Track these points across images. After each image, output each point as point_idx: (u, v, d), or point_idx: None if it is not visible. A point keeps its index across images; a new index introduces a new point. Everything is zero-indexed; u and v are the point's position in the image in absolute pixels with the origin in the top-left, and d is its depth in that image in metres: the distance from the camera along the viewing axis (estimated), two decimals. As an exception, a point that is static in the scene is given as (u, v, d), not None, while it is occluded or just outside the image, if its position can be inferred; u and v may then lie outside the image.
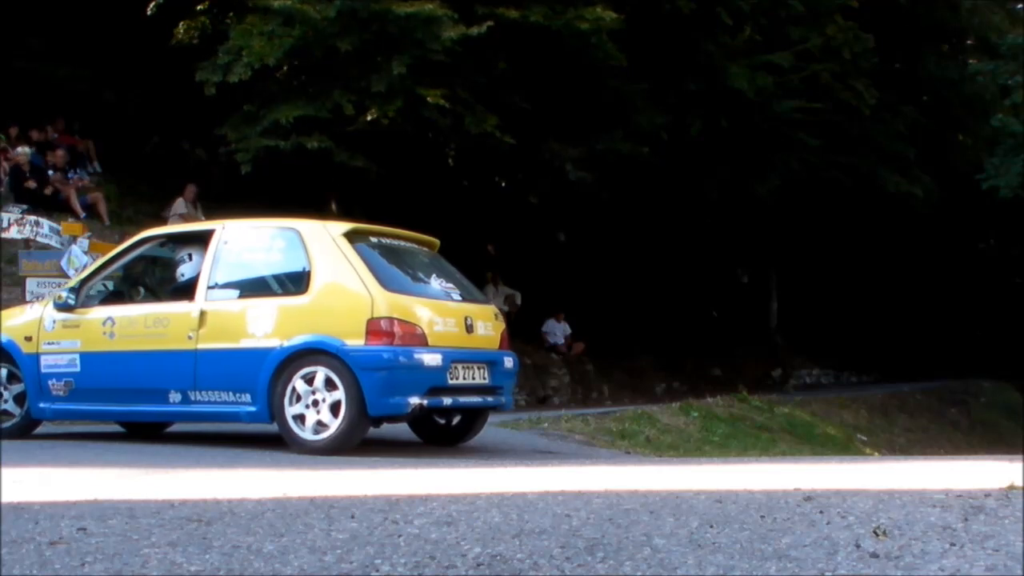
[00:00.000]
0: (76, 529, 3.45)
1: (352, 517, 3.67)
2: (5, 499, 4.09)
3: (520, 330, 18.55)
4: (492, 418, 11.99)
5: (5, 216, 13.17)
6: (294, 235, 7.47)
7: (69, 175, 15.44)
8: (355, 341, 6.93)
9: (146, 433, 8.64)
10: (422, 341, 7.12)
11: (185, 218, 15.15)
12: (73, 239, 11.83)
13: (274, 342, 7.09)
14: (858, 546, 3.10)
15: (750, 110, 18.43)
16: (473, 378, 7.53)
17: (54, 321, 7.92)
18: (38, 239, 12.86)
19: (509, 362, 7.96)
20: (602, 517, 3.64)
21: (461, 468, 5.99)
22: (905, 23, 23.71)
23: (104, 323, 7.75)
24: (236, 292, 7.50)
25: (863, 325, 26.54)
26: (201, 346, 7.32)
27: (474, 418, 8.15)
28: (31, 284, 11.44)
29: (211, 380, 7.30)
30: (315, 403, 7.01)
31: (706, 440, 11.17)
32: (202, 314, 7.38)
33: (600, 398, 18.19)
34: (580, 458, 8.02)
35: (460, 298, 7.79)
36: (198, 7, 16.07)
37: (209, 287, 7.47)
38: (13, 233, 12.96)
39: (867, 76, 20.29)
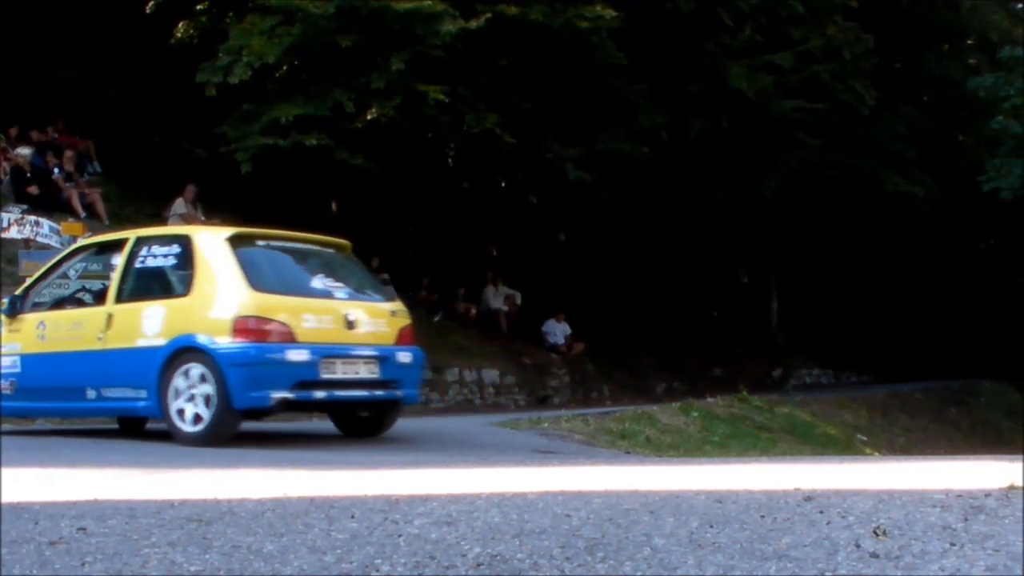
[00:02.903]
0: (76, 529, 3.45)
1: (352, 517, 3.67)
2: (5, 499, 4.09)
3: (520, 330, 18.56)
4: (491, 418, 12.09)
5: (5, 216, 13.18)
6: (187, 241, 8.00)
7: (76, 177, 15.43)
8: (223, 339, 7.37)
9: (133, 430, 9.06)
10: (289, 338, 7.49)
11: (185, 218, 15.14)
12: (73, 239, 11.83)
13: (161, 341, 7.62)
14: (858, 546, 3.10)
15: (750, 110, 18.44)
16: (357, 373, 7.88)
17: (4, 326, 8.60)
18: (38, 239, 12.88)
19: (404, 356, 8.20)
20: (602, 517, 3.64)
21: (461, 468, 5.99)
22: (906, 23, 23.71)
23: (38, 327, 8.42)
24: (139, 296, 8.05)
25: (863, 325, 26.51)
26: (109, 346, 7.90)
27: (383, 411, 8.51)
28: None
29: (117, 377, 7.84)
30: (192, 398, 7.46)
31: (706, 440, 11.16)
32: (109, 317, 7.97)
33: (600, 398, 18.19)
34: (580, 458, 8.02)
35: (345, 296, 8.13)
36: (198, 6, 16.07)
37: (118, 291, 8.07)
38: (13, 233, 12.97)
39: (867, 76, 20.30)
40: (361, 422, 8.63)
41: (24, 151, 14.57)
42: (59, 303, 8.84)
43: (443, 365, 15.61)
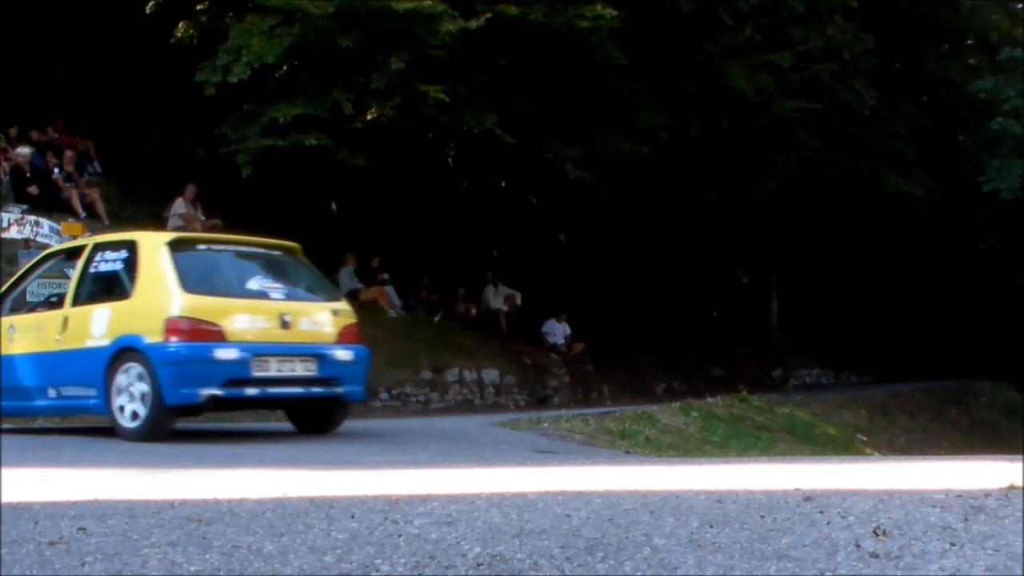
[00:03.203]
0: (76, 529, 3.45)
1: (352, 517, 3.67)
2: (5, 499, 4.09)
3: (520, 330, 18.56)
4: (491, 418, 12.09)
5: (5, 216, 13.18)
6: (133, 246, 8.39)
7: (76, 177, 15.41)
8: (156, 339, 7.77)
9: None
10: (219, 337, 7.83)
11: (185, 218, 15.14)
12: (73, 239, 11.82)
13: (105, 342, 8.03)
14: (858, 546, 3.09)
15: (750, 110, 18.43)
16: (293, 370, 8.20)
17: None
18: (38, 239, 12.88)
19: (345, 355, 8.45)
20: (602, 517, 3.64)
21: (461, 468, 5.99)
22: (905, 23, 23.70)
23: (8, 330, 8.87)
24: (92, 299, 8.46)
25: (863, 325, 26.50)
26: (65, 347, 8.33)
27: (329, 408, 8.77)
28: (31, 285, 11.42)
29: (71, 377, 8.29)
30: (131, 395, 7.86)
31: (706, 440, 11.16)
32: (65, 320, 8.41)
33: (600, 398, 18.19)
34: (580, 458, 8.01)
35: (281, 297, 8.45)
36: (198, 6, 16.06)
37: (74, 295, 8.51)
38: (13, 233, 12.97)
39: (867, 76, 20.30)
40: (314, 419, 8.90)
41: (24, 151, 14.56)
42: (33, 307, 9.30)
43: (443, 365, 15.61)
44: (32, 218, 13.30)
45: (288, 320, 8.19)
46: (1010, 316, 27.08)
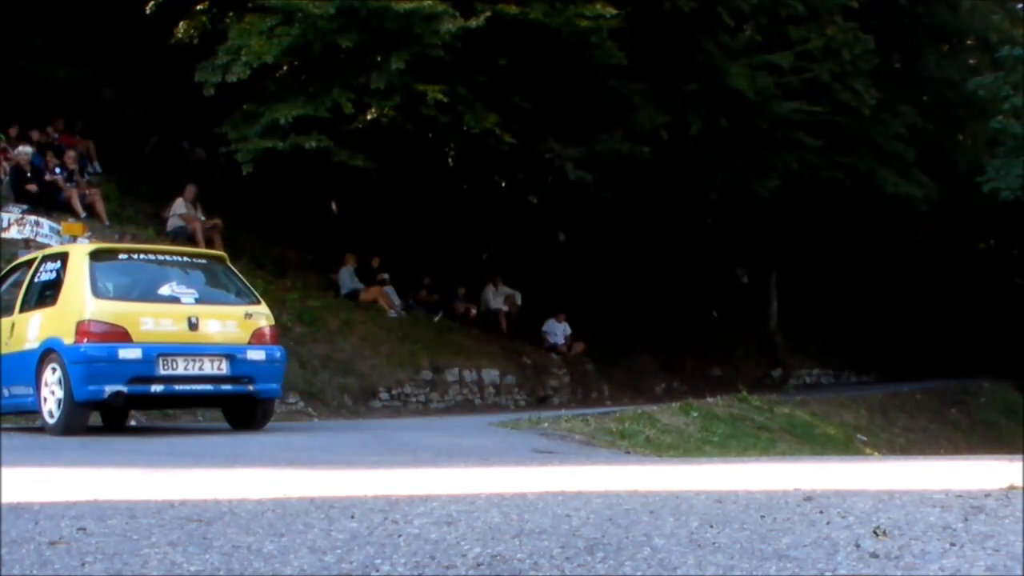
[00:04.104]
0: (76, 529, 3.45)
1: (352, 517, 3.67)
2: (5, 499, 4.09)
3: (520, 330, 18.56)
4: (491, 418, 12.09)
5: (5, 216, 13.17)
6: (65, 256, 9.09)
7: (77, 177, 15.40)
8: (70, 340, 8.41)
9: (116, 425, 9.91)
10: (124, 338, 8.41)
11: (185, 218, 15.14)
12: (73, 239, 11.81)
13: (36, 344, 8.74)
14: (858, 546, 3.09)
15: (750, 110, 18.42)
16: (201, 369, 8.70)
17: None
18: (38, 239, 12.87)
19: (256, 354, 8.96)
20: (602, 517, 3.64)
21: (461, 468, 5.99)
22: (905, 23, 23.71)
23: None
24: (34, 305, 9.12)
25: (863, 325, 26.51)
26: (12, 350, 9.06)
27: (251, 406, 9.25)
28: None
29: (16, 377, 8.96)
30: (53, 393, 8.50)
31: (706, 440, 11.14)
32: (12, 325, 9.16)
33: (600, 398, 18.18)
34: (580, 458, 8.00)
35: (192, 301, 8.96)
36: (198, 7, 16.07)
37: (22, 303, 9.20)
38: (13, 233, 12.96)
39: (867, 77, 20.30)
40: (246, 415, 9.34)
41: (25, 150, 14.55)
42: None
43: (443, 365, 15.62)
44: (32, 218, 13.30)
45: (195, 322, 8.72)
46: (1010, 316, 27.09)
